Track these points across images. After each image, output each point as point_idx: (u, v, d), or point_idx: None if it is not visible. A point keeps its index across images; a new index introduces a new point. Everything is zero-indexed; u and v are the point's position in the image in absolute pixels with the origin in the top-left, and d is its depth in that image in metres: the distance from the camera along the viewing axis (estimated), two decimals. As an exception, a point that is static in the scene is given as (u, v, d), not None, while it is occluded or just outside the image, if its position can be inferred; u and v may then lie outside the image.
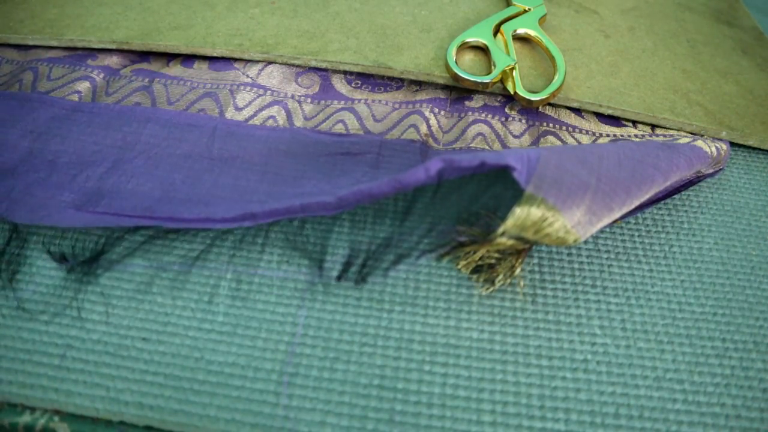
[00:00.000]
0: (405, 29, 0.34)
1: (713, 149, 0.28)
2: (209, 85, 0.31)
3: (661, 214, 0.28)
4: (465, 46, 0.33)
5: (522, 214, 0.21)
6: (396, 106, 0.31)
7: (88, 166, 0.26)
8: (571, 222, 0.21)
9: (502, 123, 0.30)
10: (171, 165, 0.27)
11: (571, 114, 0.31)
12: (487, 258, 0.24)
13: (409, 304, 0.23)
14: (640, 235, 0.27)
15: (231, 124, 0.29)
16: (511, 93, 0.31)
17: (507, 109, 0.31)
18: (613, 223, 0.27)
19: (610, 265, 0.25)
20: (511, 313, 0.23)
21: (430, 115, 0.30)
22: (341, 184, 0.25)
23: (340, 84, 0.32)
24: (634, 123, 0.31)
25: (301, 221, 0.25)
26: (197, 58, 0.33)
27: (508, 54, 0.32)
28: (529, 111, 0.31)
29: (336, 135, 0.29)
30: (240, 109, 0.30)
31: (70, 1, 0.35)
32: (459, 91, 0.32)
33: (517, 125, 0.30)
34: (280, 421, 0.20)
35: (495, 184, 0.26)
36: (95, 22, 0.33)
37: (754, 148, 0.31)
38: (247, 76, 0.32)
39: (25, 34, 0.33)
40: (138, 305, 0.23)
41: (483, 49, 0.33)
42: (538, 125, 0.30)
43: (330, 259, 0.24)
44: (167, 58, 0.33)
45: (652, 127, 0.31)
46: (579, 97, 0.31)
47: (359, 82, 0.32)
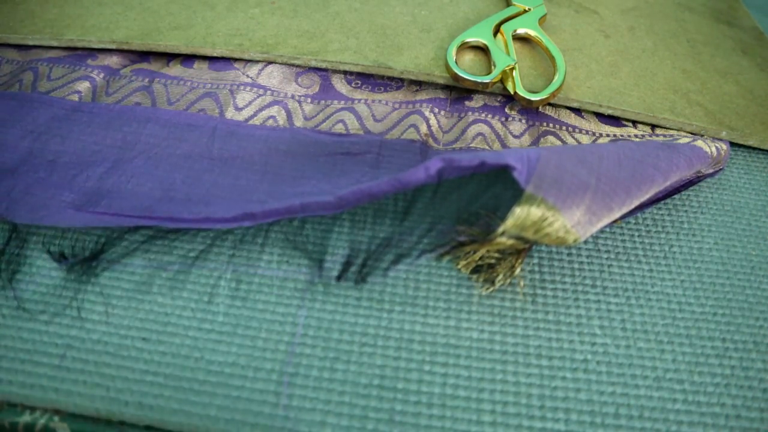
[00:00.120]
0: (405, 29, 0.34)
1: (713, 149, 0.28)
2: (209, 85, 0.31)
3: (661, 214, 0.28)
4: (465, 46, 0.33)
5: (522, 214, 0.21)
6: (396, 106, 0.31)
7: (88, 166, 0.26)
8: (571, 222, 0.21)
9: (502, 123, 0.30)
10: (171, 165, 0.27)
11: (571, 114, 0.31)
12: (487, 258, 0.24)
13: (409, 304, 0.23)
14: (640, 235, 0.27)
15: (231, 124, 0.29)
16: (511, 93, 0.31)
17: (507, 109, 0.31)
18: (613, 223, 0.27)
19: (610, 265, 0.25)
20: (511, 313, 0.23)
21: (430, 115, 0.30)
22: (341, 184, 0.25)
23: (340, 84, 0.32)
24: (634, 123, 0.31)
25: (300, 221, 0.25)
26: (197, 58, 0.33)
27: (508, 54, 0.32)
28: (529, 111, 0.31)
29: (336, 135, 0.29)
30: (240, 109, 0.30)
31: (70, 1, 0.35)
32: (459, 91, 0.32)
33: (517, 125, 0.30)
34: (280, 421, 0.20)
35: (495, 183, 0.26)
36: (95, 22, 0.33)
37: (754, 148, 0.31)
38: (247, 76, 0.32)
39: (25, 34, 0.33)
40: (138, 305, 0.23)
41: (483, 49, 0.33)
42: (538, 125, 0.30)
43: (330, 259, 0.24)
44: (167, 58, 0.33)
45: (652, 127, 0.31)
46: (579, 97, 0.31)
47: (359, 82, 0.32)
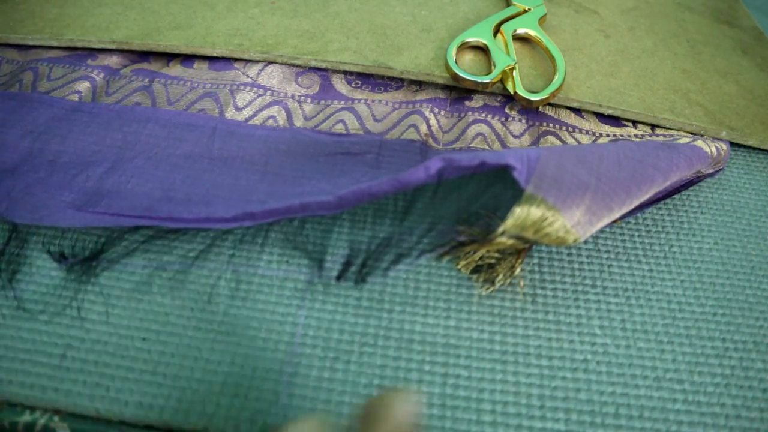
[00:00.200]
0: (405, 29, 0.34)
1: (713, 149, 0.28)
2: (209, 85, 0.31)
3: (661, 214, 0.28)
4: (465, 46, 0.33)
5: (522, 214, 0.21)
6: (396, 106, 0.31)
7: (88, 166, 0.26)
8: (571, 222, 0.21)
9: (502, 123, 0.30)
10: (171, 165, 0.27)
11: (571, 114, 0.31)
12: (487, 258, 0.24)
13: (409, 304, 0.23)
14: (640, 235, 0.27)
15: (231, 124, 0.29)
16: (511, 93, 0.31)
17: (507, 109, 0.31)
18: (613, 223, 0.27)
19: (610, 265, 0.25)
20: (511, 313, 0.23)
21: (430, 115, 0.30)
22: (341, 184, 0.25)
23: (340, 84, 0.32)
24: (634, 123, 0.31)
25: (300, 221, 0.25)
26: (197, 58, 0.33)
27: (508, 54, 0.32)
28: (529, 111, 0.31)
29: (336, 135, 0.29)
30: (240, 109, 0.30)
31: (70, 1, 0.35)
32: (459, 91, 0.32)
33: (517, 125, 0.30)
34: (280, 421, 0.20)
35: (495, 183, 0.26)
36: (95, 22, 0.33)
37: (754, 148, 0.31)
38: (247, 76, 0.32)
39: (25, 34, 0.33)
40: (138, 305, 0.23)
41: (483, 49, 0.33)
42: (538, 125, 0.30)
43: (330, 258, 0.24)
44: (167, 58, 0.33)
45: (652, 127, 0.31)
46: (579, 97, 0.31)
47: (359, 82, 0.32)
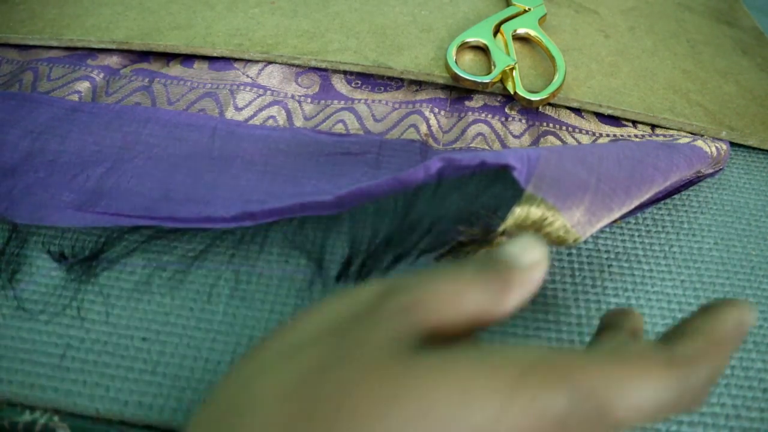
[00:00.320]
0: (405, 29, 0.34)
1: (713, 149, 0.28)
2: (209, 85, 0.31)
3: (661, 214, 0.28)
4: (465, 46, 0.33)
5: (522, 214, 0.21)
6: (396, 106, 0.31)
7: (88, 166, 0.26)
8: (571, 221, 0.21)
9: (502, 123, 0.30)
10: (171, 165, 0.27)
11: (571, 114, 0.31)
12: None
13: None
14: (640, 235, 0.27)
15: (231, 123, 0.29)
16: (511, 93, 0.31)
17: (507, 109, 0.31)
18: (612, 223, 0.27)
19: (610, 265, 0.25)
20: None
21: (430, 115, 0.30)
22: (341, 183, 0.25)
23: (340, 84, 0.32)
24: (634, 123, 0.31)
25: (300, 221, 0.25)
26: (197, 58, 0.33)
27: (508, 54, 0.32)
28: (529, 111, 0.31)
29: (336, 135, 0.29)
30: (240, 109, 0.30)
31: (70, 1, 0.35)
32: (459, 91, 0.32)
33: (517, 125, 0.30)
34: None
35: (495, 183, 0.26)
36: (95, 22, 0.33)
37: (754, 148, 0.31)
38: (247, 76, 0.32)
39: (25, 34, 0.33)
40: (137, 305, 0.23)
41: (483, 49, 0.33)
42: (538, 125, 0.30)
43: (329, 258, 0.24)
44: (167, 58, 0.33)
45: (652, 127, 0.31)
46: (579, 97, 0.31)
47: (359, 82, 0.32)
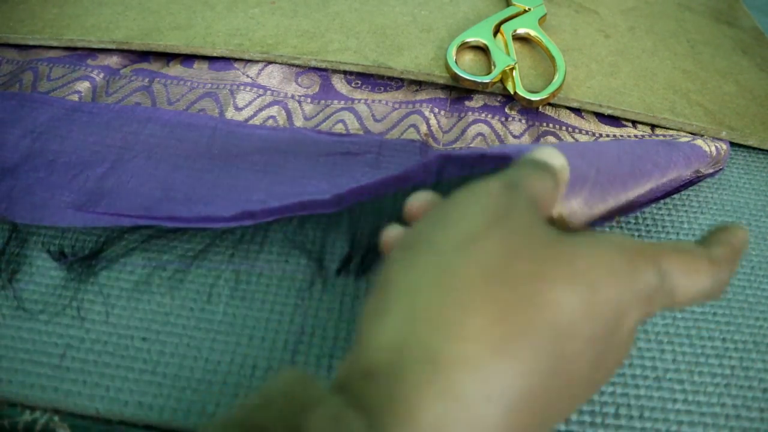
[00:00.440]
0: (405, 29, 0.34)
1: (713, 148, 0.28)
2: (209, 85, 0.31)
3: (661, 214, 0.28)
4: (465, 46, 0.33)
5: None
6: (396, 106, 0.31)
7: (88, 166, 0.26)
8: (568, 210, 0.21)
9: (502, 123, 0.30)
10: (171, 165, 0.27)
11: (571, 114, 0.31)
12: None
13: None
14: (640, 236, 0.27)
15: (231, 123, 0.29)
16: (511, 93, 0.31)
17: (507, 109, 0.31)
18: (612, 221, 0.27)
19: (610, 265, 0.25)
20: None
21: (430, 115, 0.30)
22: (341, 183, 0.25)
23: (340, 84, 0.32)
24: (634, 123, 0.31)
25: (300, 220, 0.25)
26: (197, 58, 0.33)
27: (508, 54, 0.32)
28: (529, 111, 0.31)
29: (336, 135, 0.29)
30: (240, 109, 0.30)
31: (70, 1, 0.35)
32: (459, 91, 0.32)
33: (517, 125, 0.30)
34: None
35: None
36: (95, 22, 0.33)
37: (754, 148, 0.31)
38: (247, 76, 0.32)
39: (25, 34, 0.33)
40: (137, 304, 0.23)
41: (483, 49, 0.33)
42: (538, 125, 0.30)
43: (329, 257, 0.24)
44: (167, 58, 0.33)
45: (652, 127, 0.31)
46: (579, 97, 0.31)
47: (359, 82, 0.32)
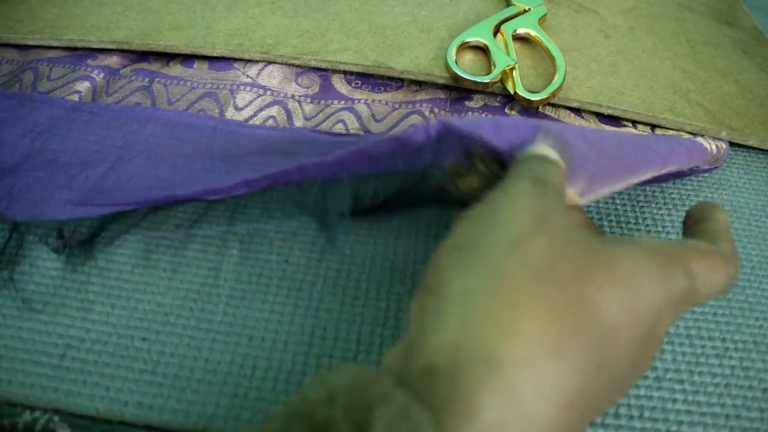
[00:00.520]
0: (405, 29, 0.34)
1: (713, 147, 0.28)
2: (209, 85, 0.31)
3: (661, 214, 0.28)
4: (465, 46, 0.33)
5: None
6: (396, 106, 0.31)
7: (88, 166, 0.26)
8: (571, 194, 0.21)
9: (502, 123, 0.30)
10: (171, 165, 0.27)
11: (571, 114, 0.31)
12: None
13: (408, 303, 0.23)
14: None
15: (231, 123, 0.29)
16: (511, 93, 0.31)
17: (507, 109, 0.31)
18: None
19: (610, 265, 0.25)
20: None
21: (430, 115, 0.30)
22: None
23: (340, 84, 0.32)
24: (634, 123, 0.31)
25: (300, 220, 0.25)
26: (197, 58, 0.33)
27: (508, 54, 0.32)
28: (529, 111, 0.31)
29: (336, 135, 0.29)
30: (240, 109, 0.30)
31: (70, 1, 0.35)
32: (459, 91, 0.32)
33: (517, 125, 0.30)
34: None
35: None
36: (95, 22, 0.33)
37: (754, 148, 0.31)
38: (247, 76, 0.32)
39: (25, 34, 0.33)
40: (137, 304, 0.23)
41: (483, 49, 0.33)
42: (538, 125, 0.30)
43: (329, 257, 0.24)
44: (167, 58, 0.33)
45: (652, 127, 0.31)
46: (579, 97, 0.31)
47: (359, 82, 0.32)
